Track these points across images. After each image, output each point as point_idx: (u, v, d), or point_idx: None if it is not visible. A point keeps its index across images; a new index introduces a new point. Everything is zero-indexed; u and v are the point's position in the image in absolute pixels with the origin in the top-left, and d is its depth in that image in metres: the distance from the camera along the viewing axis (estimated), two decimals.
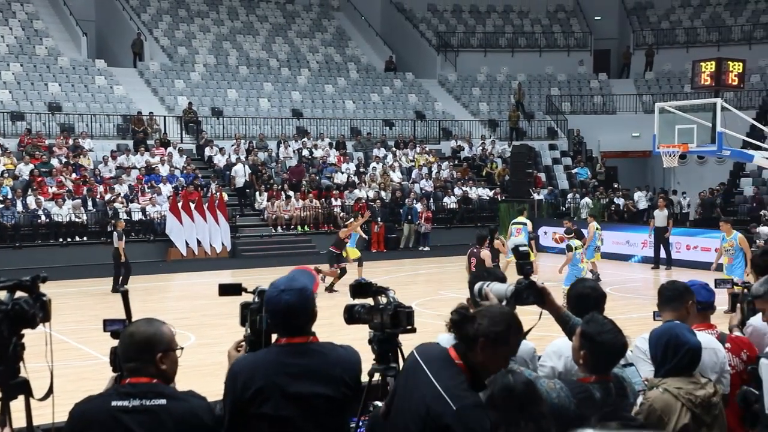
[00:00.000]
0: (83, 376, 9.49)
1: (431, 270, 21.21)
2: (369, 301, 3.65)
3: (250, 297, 3.53)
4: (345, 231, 17.48)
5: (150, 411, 2.87)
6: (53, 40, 30.44)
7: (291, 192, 25.80)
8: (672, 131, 18.29)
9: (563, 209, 28.37)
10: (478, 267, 12.75)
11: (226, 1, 35.94)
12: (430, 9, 38.69)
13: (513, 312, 3.20)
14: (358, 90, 33.77)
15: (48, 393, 3.46)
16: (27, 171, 23.56)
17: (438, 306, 14.20)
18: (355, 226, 18.27)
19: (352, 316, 3.67)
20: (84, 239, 22.42)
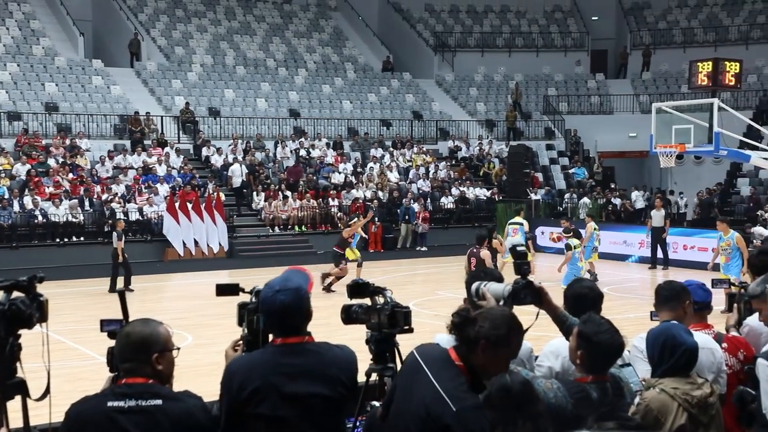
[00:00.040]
0: (80, 376, 9.47)
1: (428, 270, 21.21)
2: (366, 301, 3.65)
3: (247, 297, 3.53)
4: (348, 231, 17.43)
5: (146, 411, 2.87)
6: (50, 39, 30.41)
7: (288, 192, 25.79)
8: (669, 131, 18.30)
9: (560, 209, 28.39)
10: (477, 267, 12.73)
11: (223, 1, 35.92)
12: (427, 9, 38.69)
13: (514, 315, 3.20)
14: (355, 90, 33.76)
15: (45, 393, 3.45)
16: (24, 171, 23.54)
17: (435, 306, 14.20)
18: (358, 225, 18.24)
19: (349, 316, 3.68)
20: (81, 239, 22.40)
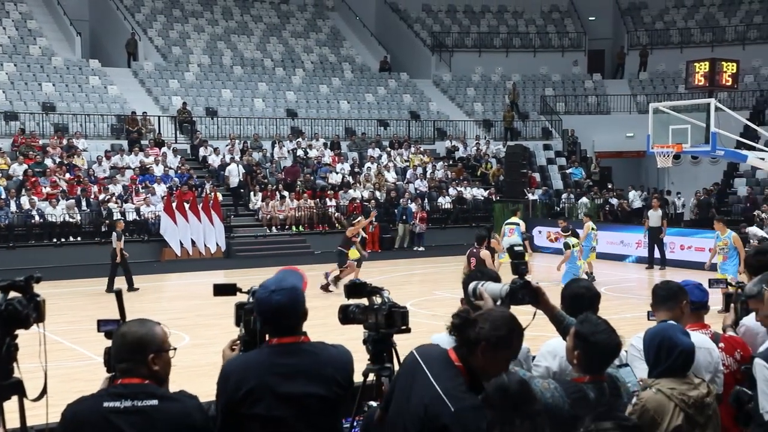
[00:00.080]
0: (77, 376, 9.47)
1: (426, 270, 21.21)
2: (364, 302, 3.65)
3: (244, 297, 3.53)
4: (352, 230, 17.39)
5: (142, 412, 2.87)
6: (47, 39, 30.38)
7: (285, 192, 25.78)
8: (666, 131, 18.31)
9: (557, 209, 28.41)
10: (477, 267, 12.72)
11: (220, 1, 35.90)
12: (424, 9, 38.70)
13: (514, 316, 3.19)
14: (352, 90, 33.76)
15: (42, 393, 3.45)
16: (21, 171, 23.50)
17: (433, 306, 14.20)
18: (362, 225, 18.23)
19: (346, 316, 3.67)
20: (78, 239, 22.38)
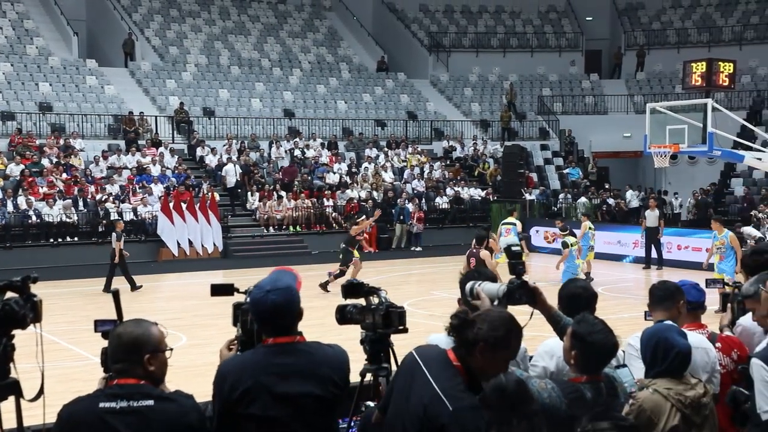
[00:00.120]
0: (74, 376, 9.46)
1: (423, 270, 21.21)
2: (361, 302, 3.66)
3: (242, 297, 3.53)
4: (356, 229, 17.37)
5: (137, 412, 2.86)
6: (44, 39, 30.34)
7: (283, 192, 25.77)
8: (663, 131, 18.32)
9: (555, 209, 28.44)
10: (476, 267, 12.73)
11: (217, 1, 35.87)
12: (421, 9, 38.70)
13: (513, 316, 3.19)
14: (350, 90, 33.75)
15: (39, 394, 3.45)
16: (17, 171, 23.46)
17: (430, 306, 14.21)
18: (367, 224, 18.21)
19: (344, 316, 3.68)
20: (75, 239, 22.36)
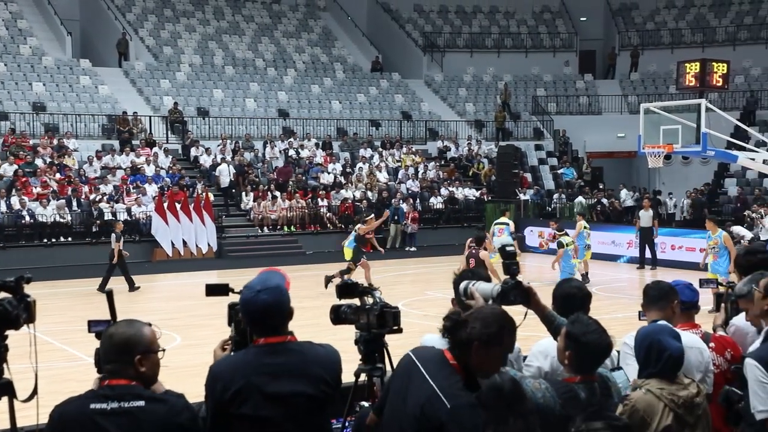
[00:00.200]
0: (68, 377, 9.44)
1: (418, 270, 21.22)
2: (355, 302, 3.66)
3: (237, 297, 3.52)
4: (364, 228, 17.36)
5: (128, 413, 2.86)
6: (37, 39, 30.26)
7: (277, 192, 25.75)
8: (657, 132, 18.37)
9: (549, 209, 28.47)
10: (471, 267, 12.76)
11: (212, 1, 35.83)
12: (416, 9, 38.71)
13: (505, 312, 3.20)
14: (344, 90, 33.75)
15: (32, 394, 3.44)
16: (11, 171, 23.41)
17: (424, 306, 14.21)
18: (375, 225, 18.21)
19: (338, 316, 3.68)
20: (69, 240, 22.30)
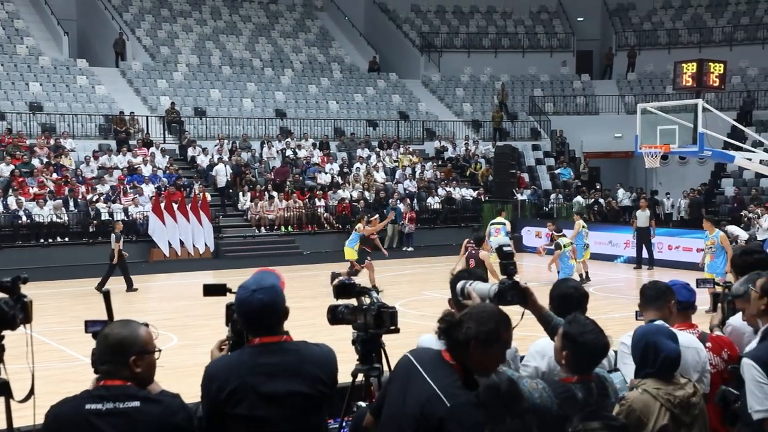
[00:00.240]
0: (64, 377, 9.43)
1: (415, 270, 21.22)
2: (353, 302, 3.66)
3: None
4: (370, 229, 17.38)
5: (124, 414, 2.86)
6: (34, 39, 30.22)
7: (274, 192, 25.73)
8: (654, 132, 18.39)
9: (546, 209, 28.49)
10: (477, 268, 12.77)
11: (209, 1, 35.80)
12: (413, 9, 38.71)
13: (498, 308, 3.20)
14: (341, 90, 33.74)
15: (29, 395, 3.44)
16: (8, 171, 23.37)
17: (422, 306, 14.21)
18: (381, 226, 18.21)
19: (335, 316, 3.68)
20: (65, 240, 22.27)
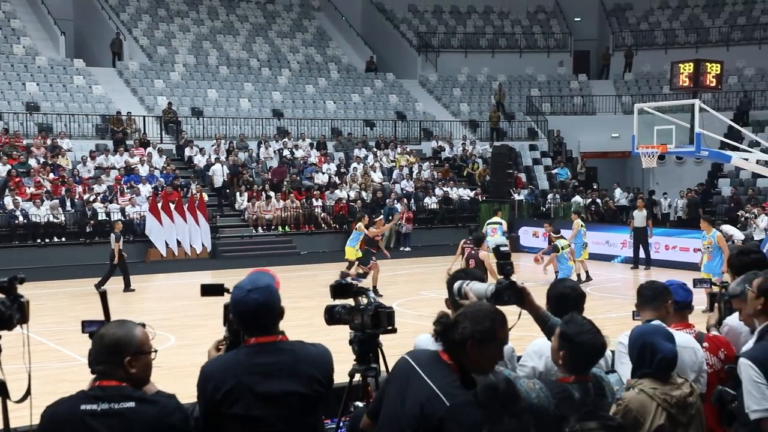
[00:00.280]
0: (61, 378, 9.41)
1: (412, 270, 21.22)
2: (350, 302, 3.65)
3: None
4: (374, 230, 17.40)
5: (119, 414, 2.85)
6: (31, 39, 30.17)
7: (272, 192, 25.72)
8: (651, 132, 18.40)
9: (543, 209, 28.50)
10: (477, 268, 12.79)
11: (206, 1, 35.77)
12: (410, 9, 38.71)
13: (493, 306, 3.20)
14: (338, 90, 33.73)
15: (25, 395, 3.43)
16: (4, 171, 23.34)
17: (419, 306, 14.21)
18: (385, 228, 18.21)
19: (332, 316, 3.67)
20: (62, 240, 22.24)
